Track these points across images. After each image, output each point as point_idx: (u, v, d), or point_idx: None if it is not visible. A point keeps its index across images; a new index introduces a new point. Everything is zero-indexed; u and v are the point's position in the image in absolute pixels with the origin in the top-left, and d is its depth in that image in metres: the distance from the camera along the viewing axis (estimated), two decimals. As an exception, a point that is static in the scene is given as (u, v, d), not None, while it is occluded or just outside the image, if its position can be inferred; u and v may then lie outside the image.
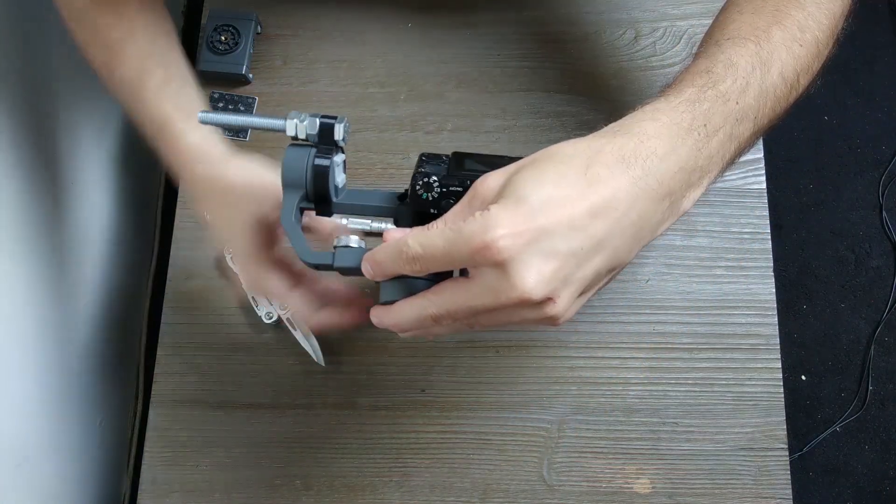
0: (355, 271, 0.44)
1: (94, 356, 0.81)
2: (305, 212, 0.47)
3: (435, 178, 0.44)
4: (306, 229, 0.49)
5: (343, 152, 0.47)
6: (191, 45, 1.14)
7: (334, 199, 0.47)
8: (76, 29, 0.54)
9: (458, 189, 0.43)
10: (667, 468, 0.63)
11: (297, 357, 0.66)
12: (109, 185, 0.85)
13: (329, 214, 0.47)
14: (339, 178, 0.47)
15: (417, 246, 0.35)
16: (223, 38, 0.71)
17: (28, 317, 0.68)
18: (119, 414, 0.88)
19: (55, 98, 0.72)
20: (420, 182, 0.44)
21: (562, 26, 0.73)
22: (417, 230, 0.37)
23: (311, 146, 0.45)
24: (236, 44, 0.71)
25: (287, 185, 0.45)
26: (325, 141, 0.45)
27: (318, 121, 0.45)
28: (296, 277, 0.50)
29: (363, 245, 0.45)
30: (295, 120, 0.45)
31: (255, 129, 0.47)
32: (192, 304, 0.67)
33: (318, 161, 0.45)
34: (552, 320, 0.35)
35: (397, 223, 0.48)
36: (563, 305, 0.34)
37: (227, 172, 0.50)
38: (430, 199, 0.43)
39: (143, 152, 0.97)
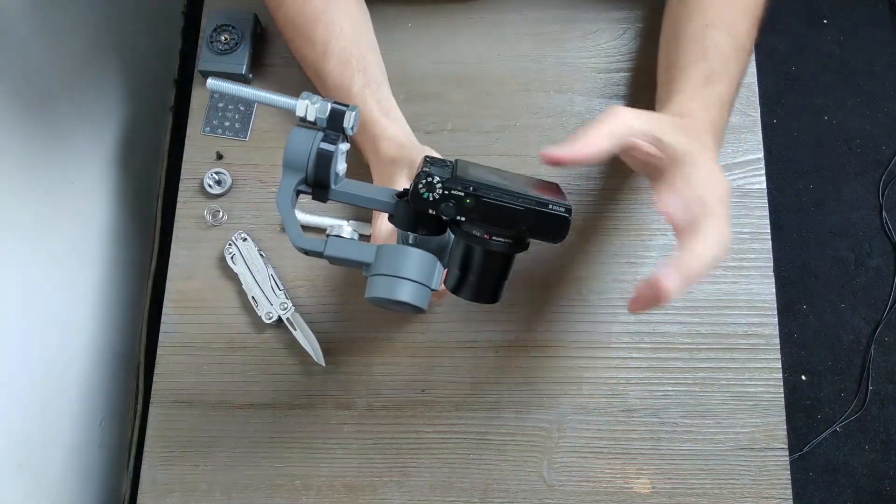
0: (345, 261, 0.46)
1: (94, 356, 0.82)
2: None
3: (438, 179, 0.44)
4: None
5: (348, 141, 0.47)
6: (191, 45, 1.14)
7: (333, 187, 0.46)
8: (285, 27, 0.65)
9: (460, 193, 0.44)
10: (667, 468, 0.63)
11: (297, 357, 0.66)
12: (109, 185, 0.85)
13: (325, 200, 0.48)
14: (341, 166, 0.47)
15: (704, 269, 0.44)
16: (223, 38, 0.71)
17: (28, 317, 0.68)
18: (119, 414, 0.88)
19: (56, 99, 0.72)
20: (423, 181, 0.44)
21: (562, 26, 0.73)
22: (686, 262, 0.43)
23: (318, 130, 0.45)
24: (236, 44, 0.71)
25: (288, 165, 0.45)
26: (333, 127, 0.45)
27: (329, 105, 0.45)
28: None
29: (356, 236, 0.46)
30: (307, 101, 0.45)
31: (263, 104, 0.47)
32: (192, 304, 0.67)
33: (324, 146, 0.45)
34: None
35: (392, 219, 0.48)
36: None
37: (414, 152, 0.59)
38: (431, 199, 0.44)
39: (143, 152, 0.97)
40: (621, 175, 0.69)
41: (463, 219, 0.44)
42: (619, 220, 0.68)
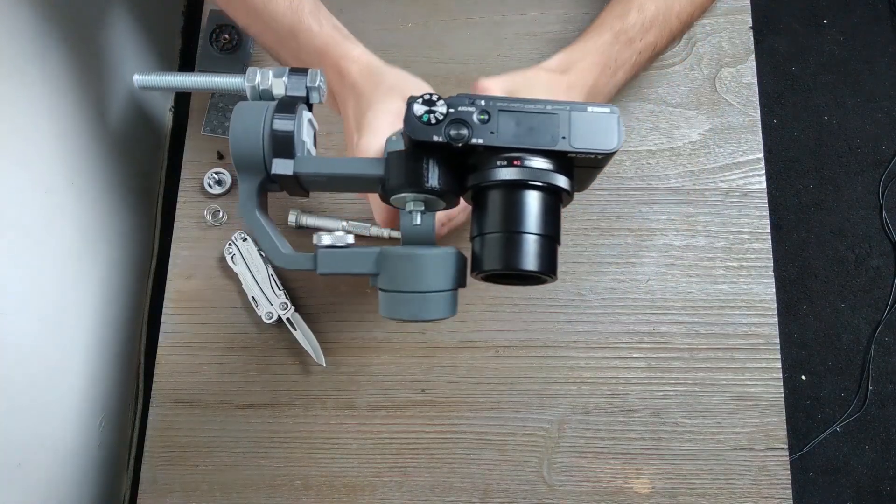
0: (343, 274, 0.37)
1: (94, 356, 0.81)
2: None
3: (437, 95, 0.34)
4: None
5: (310, 110, 0.38)
6: (191, 45, 1.14)
7: (300, 171, 0.36)
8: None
9: (469, 108, 0.34)
10: (667, 468, 0.63)
11: (297, 357, 0.66)
12: (109, 185, 0.85)
13: (300, 194, 0.38)
14: (306, 140, 0.37)
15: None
16: (223, 38, 0.71)
17: (28, 317, 0.68)
18: (119, 414, 0.88)
19: (55, 99, 0.72)
20: (420, 99, 0.34)
21: (562, 26, 0.73)
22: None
23: (269, 103, 0.36)
24: (236, 44, 0.71)
25: (238, 158, 0.35)
26: (290, 97, 0.37)
27: (286, 69, 0.37)
28: None
29: (351, 241, 0.38)
30: (256, 71, 0.37)
31: (203, 90, 0.40)
32: (192, 304, 0.67)
33: (279, 120, 0.35)
34: None
35: (385, 190, 0.37)
36: None
37: (388, 73, 0.52)
38: (434, 121, 0.34)
39: (143, 152, 0.97)
40: (621, 175, 0.69)
41: (480, 141, 0.34)
42: (619, 220, 0.68)
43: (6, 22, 0.63)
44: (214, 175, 0.69)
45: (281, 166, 0.35)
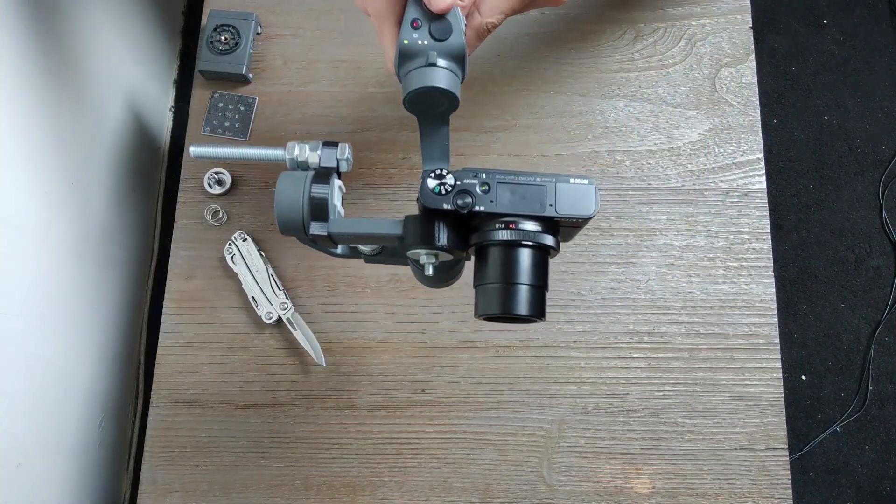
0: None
1: (94, 356, 0.81)
2: None
3: (447, 170, 0.41)
4: None
5: (340, 178, 0.45)
6: (191, 45, 1.14)
7: (332, 231, 0.43)
8: None
9: (473, 181, 0.41)
10: (667, 468, 0.63)
11: (297, 357, 0.66)
12: (109, 185, 0.85)
13: (335, 245, 0.45)
14: (336, 203, 0.44)
15: (500, 17, 0.44)
16: (223, 38, 0.71)
17: (28, 317, 0.68)
18: (119, 414, 0.88)
19: (55, 99, 0.72)
20: (431, 174, 0.41)
21: (562, 26, 0.73)
22: (486, 8, 0.43)
23: (307, 173, 0.43)
24: (236, 44, 0.71)
25: (283, 225, 0.42)
26: (324, 165, 0.44)
27: (319, 142, 0.44)
28: None
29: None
30: (294, 145, 0.44)
31: (252, 161, 0.47)
32: (192, 304, 0.67)
33: (316, 189, 0.42)
34: None
35: (402, 244, 0.43)
36: None
37: None
38: (444, 191, 0.41)
39: (143, 152, 0.97)
40: (621, 175, 0.69)
41: (482, 209, 0.41)
42: (619, 220, 0.68)
43: (6, 22, 0.63)
44: (214, 175, 0.69)
45: (317, 228, 0.42)
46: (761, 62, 0.68)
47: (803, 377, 1.30)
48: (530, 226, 0.41)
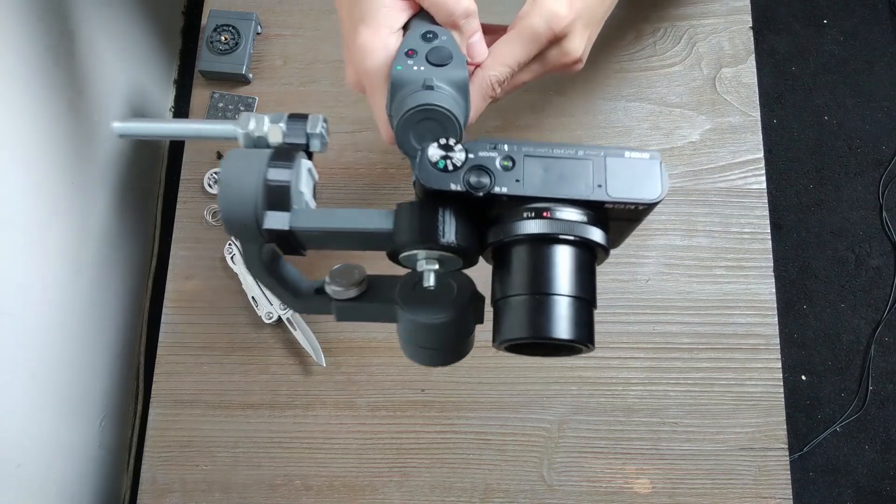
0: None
1: (95, 356, 0.81)
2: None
3: (455, 140, 0.31)
4: None
5: (310, 158, 0.35)
6: (191, 45, 1.14)
7: (301, 226, 0.32)
8: None
9: (491, 153, 0.31)
10: (667, 468, 0.63)
11: (297, 357, 0.66)
12: (109, 185, 0.85)
13: (300, 253, 0.34)
14: (304, 190, 0.33)
15: (506, 70, 0.41)
16: (223, 38, 0.71)
17: (27, 317, 0.68)
18: (119, 414, 0.88)
19: (55, 98, 0.72)
20: (435, 144, 0.30)
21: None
22: (490, 61, 0.39)
23: (264, 150, 0.33)
24: (236, 44, 0.71)
25: (228, 217, 0.31)
26: (287, 143, 0.34)
27: (284, 115, 0.34)
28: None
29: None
30: (250, 117, 0.34)
31: (188, 138, 0.36)
32: (192, 304, 0.67)
33: (274, 172, 0.31)
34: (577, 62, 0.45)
35: (395, 239, 0.32)
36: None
37: None
38: (451, 167, 0.30)
39: (143, 152, 0.97)
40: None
41: (504, 190, 0.30)
42: (619, 220, 0.68)
43: (5, 21, 0.63)
44: (214, 175, 0.69)
45: (275, 220, 0.31)
46: (761, 62, 0.68)
47: (803, 377, 1.30)
48: (571, 214, 0.30)
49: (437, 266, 0.32)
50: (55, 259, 0.73)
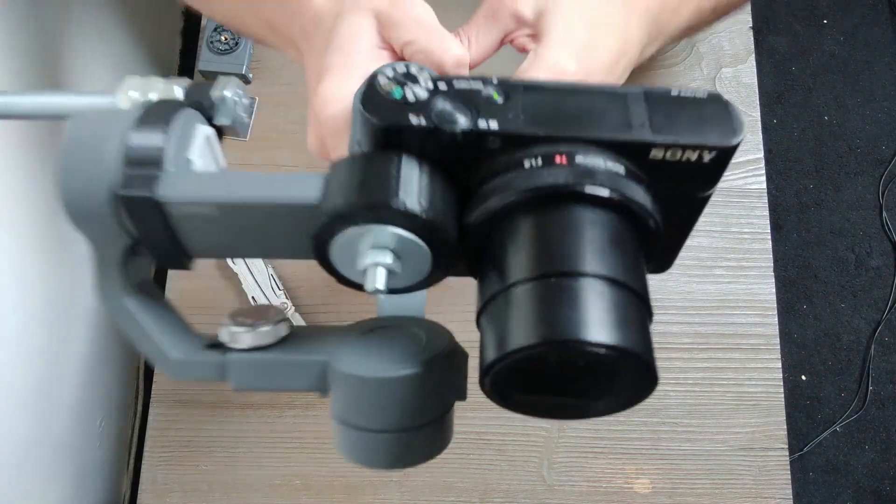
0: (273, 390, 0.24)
1: (94, 356, 0.81)
2: None
3: (421, 66, 0.22)
4: None
5: (221, 138, 0.24)
6: (191, 45, 1.14)
7: (167, 198, 0.21)
8: None
9: (475, 86, 0.21)
10: (667, 468, 0.63)
11: (297, 357, 0.66)
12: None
13: (186, 260, 0.24)
14: (197, 163, 0.23)
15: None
16: (223, 38, 0.71)
17: (28, 316, 0.68)
18: (119, 414, 0.88)
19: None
20: (392, 68, 0.22)
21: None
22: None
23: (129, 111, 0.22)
24: (236, 44, 0.71)
25: (70, 204, 0.22)
26: (167, 100, 0.23)
27: (187, 80, 0.25)
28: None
29: (285, 332, 0.24)
30: (136, 81, 0.24)
31: (46, 118, 0.24)
32: (192, 304, 0.67)
33: (139, 135, 0.21)
34: None
35: (324, 209, 0.21)
36: None
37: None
38: (412, 98, 0.20)
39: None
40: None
41: (493, 127, 0.20)
42: (619, 220, 0.68)
43: (3, 21, 0.63)
44: (214, 175, 0.69)
45: (138, 186, 0.20)
46: (761, 62, 0.68)
47: (803, 377, 1.30)
48: (600, 160, 0.19)
49: (389, 259, 0.22)
50: (55, 259, 0.73)
